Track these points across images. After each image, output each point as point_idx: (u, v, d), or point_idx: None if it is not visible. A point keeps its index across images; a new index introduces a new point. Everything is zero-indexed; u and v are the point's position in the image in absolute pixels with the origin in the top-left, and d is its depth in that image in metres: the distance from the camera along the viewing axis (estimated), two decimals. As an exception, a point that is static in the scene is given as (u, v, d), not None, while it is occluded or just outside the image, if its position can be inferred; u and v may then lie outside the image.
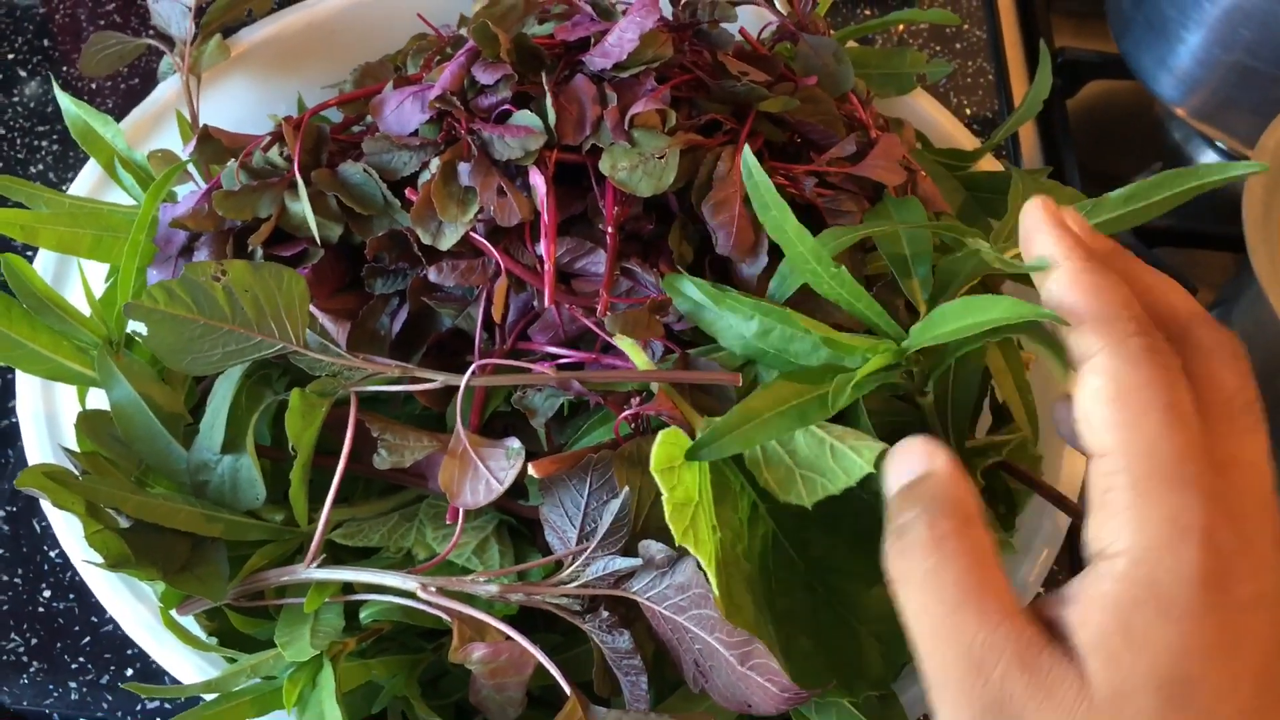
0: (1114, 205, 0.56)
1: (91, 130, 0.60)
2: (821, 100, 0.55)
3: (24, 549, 0.70)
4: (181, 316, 0.48)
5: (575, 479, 0.49)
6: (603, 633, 0.47)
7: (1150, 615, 0.36)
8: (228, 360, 0.50)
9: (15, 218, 0.54)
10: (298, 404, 0.49)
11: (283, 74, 0.69)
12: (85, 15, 0.97)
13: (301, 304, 0.51)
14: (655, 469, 0.45)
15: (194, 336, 0.48)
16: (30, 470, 0.47)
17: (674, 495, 0.45)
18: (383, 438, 0.49)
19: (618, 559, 0.47)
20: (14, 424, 0.75)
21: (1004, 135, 0.66)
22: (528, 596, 0.47)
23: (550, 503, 0.49)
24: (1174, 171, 0.55)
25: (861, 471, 0.45)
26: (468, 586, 0.47)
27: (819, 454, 0.46)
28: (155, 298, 0.47)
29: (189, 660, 0.48)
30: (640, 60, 0.51)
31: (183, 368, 0.50)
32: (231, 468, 0.52)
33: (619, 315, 0.49)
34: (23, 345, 0.52)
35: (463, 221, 0.51)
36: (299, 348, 0.50)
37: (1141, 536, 0.37)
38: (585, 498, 0.49)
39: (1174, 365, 0.39)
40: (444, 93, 0.52)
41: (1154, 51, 0.96)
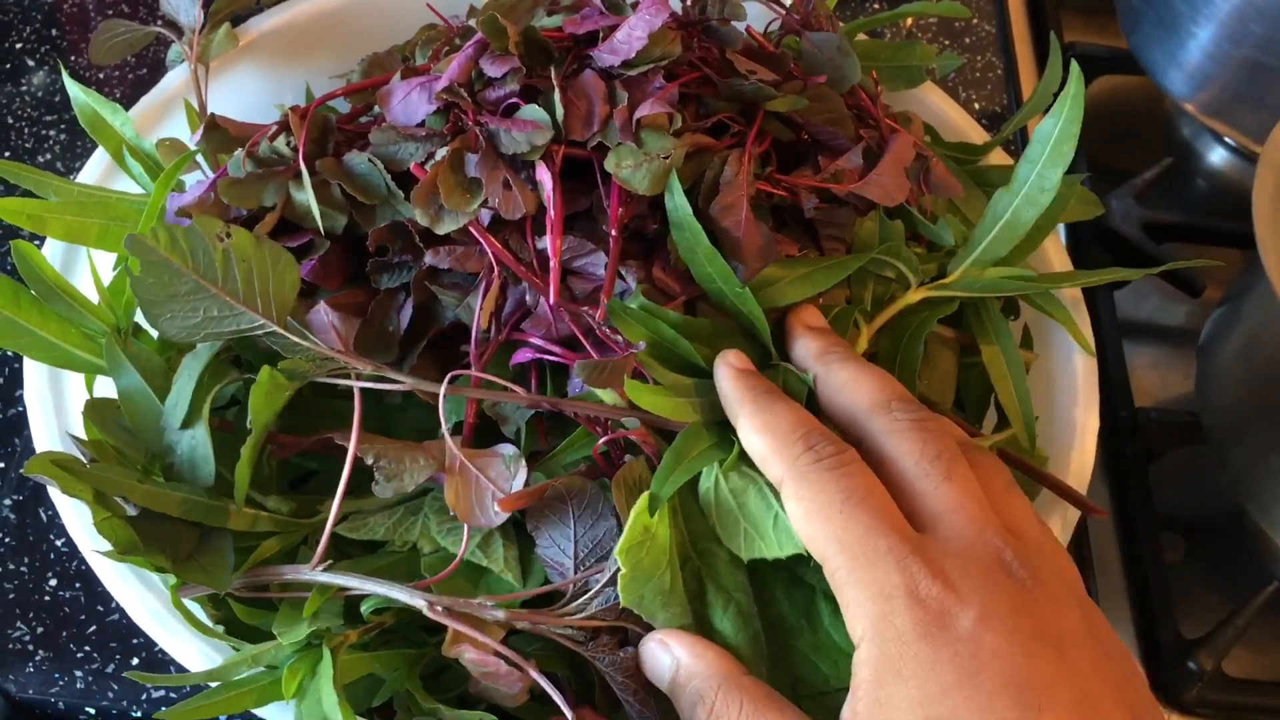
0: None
1: (100, 119, 0.60)
2: (830, 98, 0.55)
3: (30, 537, 0.70)
4: (175, 266, 0.48)
5: (558, 512, 0.50)
6: (604, 655, 0.48)
7: (892, 684, 0.40)
8: (205, 328, 0.49)
9: (23, 206, 0.54)
10: (265, 380, 0.49)
11: (291, 63, 0.69)
12: (93, 4, 0.97)
13: (291, 290, 0.51)
14: (620, 551, 0.46)
15: (180, 292, 0.48)
16: (38, 457, 0.47)
17: (637, 569, 0.47)
18: (379, 464, 0.49)
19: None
20: (20, 413, 0.75)
21: (1014, 128, 0.66)
22: (533, 626, 0.48)
23: (544, 542, 0.50)
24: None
25: (794, 549, 0.46)
26: (475, 609, 0.47)
27: (764, 518, 0.48)
28: (158, 237, 0.47)
29: (196, 648, 0.49)
30: (649, 58, 0.51)
31: (159, 327, 0.49)
32: (189, 445, 0.51)
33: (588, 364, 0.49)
34: (31, 332, 0.52)
35: (466, 211, 0.50)
36: (279, 328, 0.50)
37: (863, 619, 0.41)
38: (572, 527, 0.50)
39: (846, 460, 0.44)
40: (451, 84, 0.52)
41: (1164, 46, 0.96)
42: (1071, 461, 0.57)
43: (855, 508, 0.42)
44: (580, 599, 0.49)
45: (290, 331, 0.50)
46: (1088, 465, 0.58)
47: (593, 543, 0.49)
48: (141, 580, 0.50)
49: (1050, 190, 0.52)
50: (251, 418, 0.50)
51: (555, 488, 0.49)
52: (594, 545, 0.49)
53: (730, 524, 0.48)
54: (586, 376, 0.47)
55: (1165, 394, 0.88)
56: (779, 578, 0.50)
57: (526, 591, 0.50)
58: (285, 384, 0.51)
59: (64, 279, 0.52)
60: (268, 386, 0.50)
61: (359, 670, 0.48)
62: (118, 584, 0.49)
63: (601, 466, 0.51)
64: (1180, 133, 1.05)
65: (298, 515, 0.53)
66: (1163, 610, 0.74)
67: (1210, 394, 0.77)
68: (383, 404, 0.56)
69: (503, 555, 0.52)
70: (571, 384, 0.51)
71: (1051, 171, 0.53)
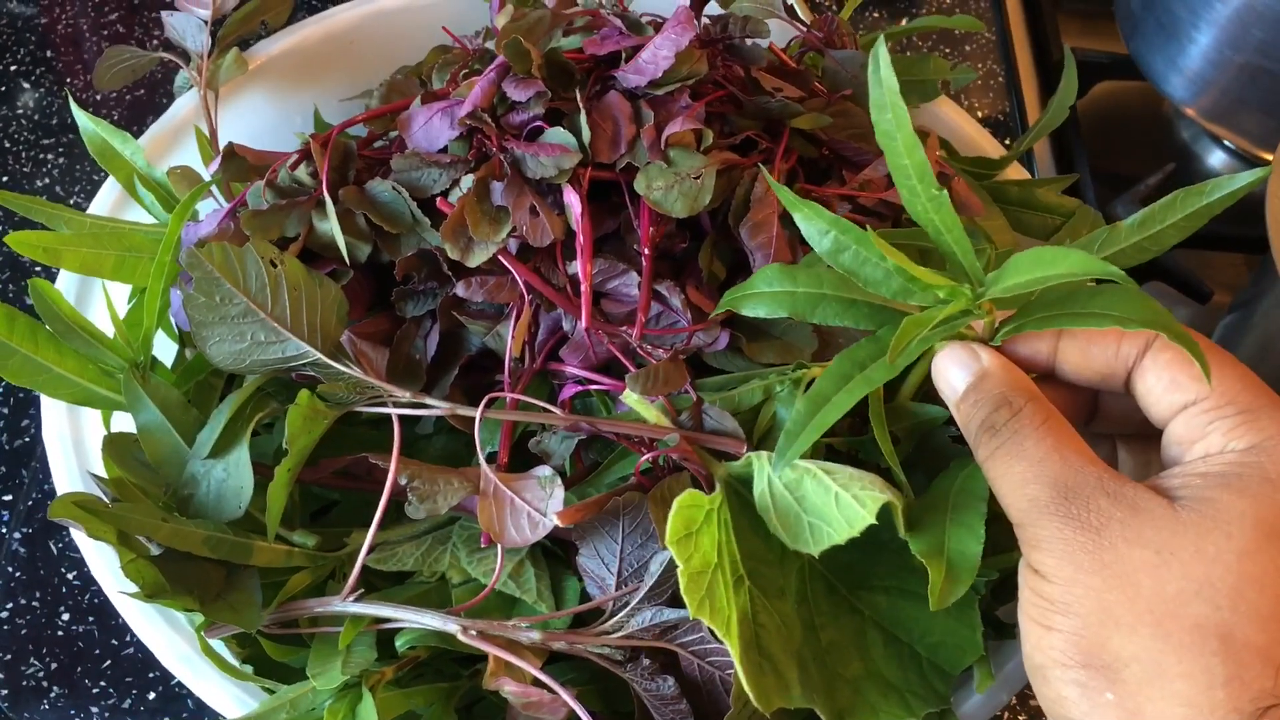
0: (1128, 233, 0.55)
1: (110, 148, 0.60)
2: (853, 114, 0.55)
3: (41, 571, 0.69)
4: (227, 286, 0.47)
5: (608, 525, 0.49)
6: (645, 680, 0.47)
7: (1256, 481, 0.38)
8: (252, 354, 0.49)
9: (38, 240, 0.53)
10: (304, 403, 0.48)
11: (300, 87, 0.68)
12: (88, 26, 0.95)
13: (340, 321, 0.50)
14: (671, 541, 0.44)
15: (230, 315, 0.48)
16: (61, 500, 0.46)
17: (690, 565, 0.44)
18: (412, 485, 0.49)
19: (666, 610, 0.46)
20: (26, 444, 0.74)
21: (1031, 142, 0.65)
22: (570, 646, 0.47)
23: (586, 552, 0.49)
24: (1184, 191, 0.54)
25: (864, 522, 0.44)
26: (509, 632, 0.47)
27: (825, 502, 0.46)
28: (213, 253, 0.47)
29: (227, 691, 0.48)
30: (675, 77, 0.51)
31: (208, 351, 0.49)
32: (220, 476, 0.50)
33: (641, 374, 0.48)
34: (48, 370, 0.51)
35: (494, 241, 0.50)
36: (324, 358, 0.49)
37: (1258, 436, 0.39)
38: (620, 543, 0.49)
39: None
40: (475, 109, 0.51)
41: (1164, 52, 0.96)
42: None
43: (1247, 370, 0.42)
44: (618, 615, 0.48)
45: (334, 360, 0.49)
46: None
47: (639, 562, 0.48)
48: (168, 621, 0.49)
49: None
50: (288, 441, 0.49)
51: (615, 502, 0.48)
52: (639, 565, 0.48)
53: (793, 522, 0.46)
54: (641, 387, 0.46)
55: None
56: (830, 605, 0.49)
57: (562, 612, 0.50)
58: (324, 410, 0.50)
59: (81, 315, 0.51)
60: (306, 411, 0.49)
61: (397, 708, 0.47)
62: (145, 627, 0.48)
63: (645, 485, 0.50)
64: (1179, 137, 1.05)
65: (323, 548, 0.52)
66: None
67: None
68: (409, 433, 0.55)
69: (535, 585, 0.51)
70: (619, 407, 0.51)
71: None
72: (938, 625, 0.49)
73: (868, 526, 0.44)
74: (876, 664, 0.47)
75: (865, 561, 0.50)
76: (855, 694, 0.46)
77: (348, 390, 0.51)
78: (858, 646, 0.48)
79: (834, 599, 0.49)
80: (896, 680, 0.47)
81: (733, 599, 0.46)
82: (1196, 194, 0.51)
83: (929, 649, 0.49)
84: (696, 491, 0.46)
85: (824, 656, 0.47)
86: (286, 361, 0.50)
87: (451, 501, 0.49)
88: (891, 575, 0.50)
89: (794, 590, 0.49)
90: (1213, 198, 0.51)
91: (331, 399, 0.51)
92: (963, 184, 0.58)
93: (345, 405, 0.51)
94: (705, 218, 0.53)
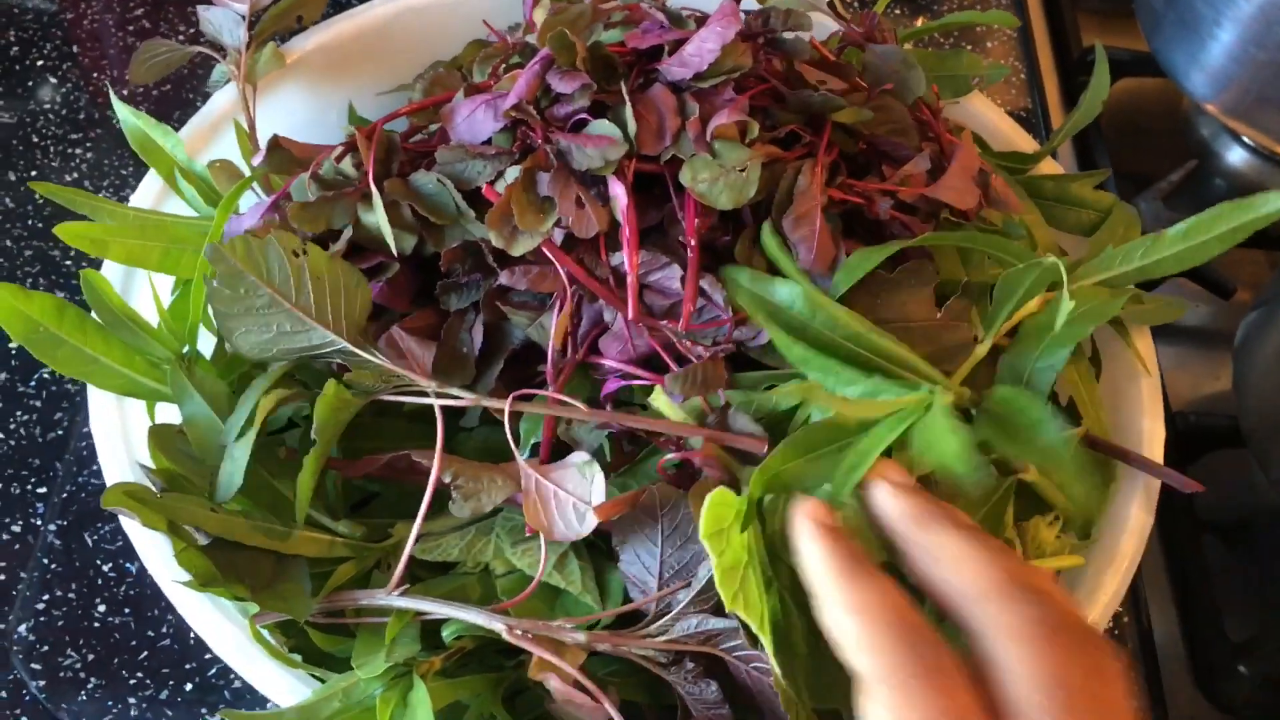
0: (1172, 242, 0.56)
1: (151, 141, 0.60)
2: (894, 109, 0.55)
3: (76, 563, 0.69)
4: (251, 278, 0.48)
5: (646, 528, 0.49)
6: (688, 684, 0.47)
7: None
8: (277, 343, 0.50)
9: (86, 231, 0.53)
10: (330, 393, 0.49)
11: (334, 81, 0.69)
12: (113, 21, 0.96)
13: (363, 309, 0.51)
14: (704, 535, 0.44)
15: (255, 306, 0.48)
16: (113, 490, 0.47)
17: (723, 560, 0.44)
18: (456, 483, 0.49)
19: (711, 619, 0.47)
20: (60, 436, 0.74)
21: (1064, 138, 0.66)
22: (614, 648, 0.47)
23: (626, 556, 0.49)
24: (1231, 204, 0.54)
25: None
26: (554, 633, 0.47)
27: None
28: (235, 248, 0.47)
29: (281, 678, 0.48)
30: (720, 70, 0.51)
31: (233, 341, 0.49)
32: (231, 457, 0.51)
33: (680, 375, 0.49)
34: (97, 360, 0.52)
35: (540, 231, 0.50)
36: (350, 345, 0.50)
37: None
38: (660, 545, 0.49)
39: (947, 671, 0.38)
40: (520, 101, 0.52)
41: (1186, 48, 0.96)
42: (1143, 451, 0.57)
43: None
44: (663, 619, 0.48)
45: (359, 348, 0.50)
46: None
47: (679, 564, 0.48)
48: (220, 610, 0.49)
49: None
50: (316, 430, 0.49)
51: (650, 492, 0.48)
52: (680, 567, 0.48)
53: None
54: (681, 388, 0.47)
55: (1196, 395, 0.88)
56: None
57: (605, 612, 0.50)
58: (351, 399, 0.51)
59: (129, 307, 0.52)
60: (333, 400, 0.49)
61: (447, 697, 0.47)
62: (197, 615, 0.49)
63: (676, 482, 0.50)
64: (1198, 133, 1.05)
65: (368, 539, 0.53)
66: (1209, 614, 0.74)
67: (1249, 397, 0.77)
68: (451, 425, 0.56)
69: (579, 577, 0.51)
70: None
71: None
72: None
73: None
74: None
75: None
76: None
77: (375, 379, 0.51)
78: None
79: None
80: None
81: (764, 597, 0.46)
82: (1245, 208, 0.52)
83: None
84: (727, 490, 0.46)
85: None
86: (312, 350, 0.51)
87: (496, 500, 0.50)
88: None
89: None
90: (1259, 212, 0.51)
91: (358, 387, 0.51)
92: (1000, 180, 0.58)
93: (372, 393, 0.51)
94: (746, 210, 0.53)
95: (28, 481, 0.73)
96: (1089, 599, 0.52)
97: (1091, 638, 0.39)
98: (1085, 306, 0.51)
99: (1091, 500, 0.51)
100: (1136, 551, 0.53)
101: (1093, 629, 0.40)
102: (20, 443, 0.74)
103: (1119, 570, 0.52)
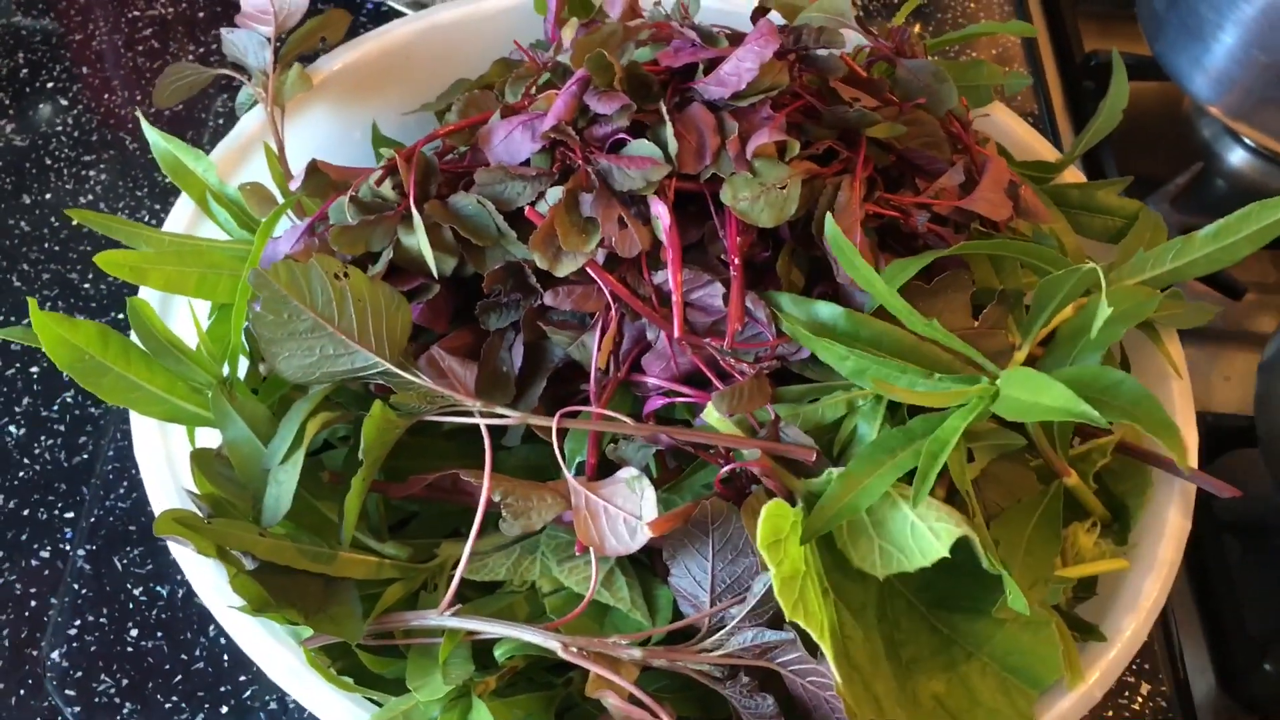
0: (1203, 244, 0.56)
1: (182, 165, 0.60)
2: (926, 123, 0.56)
3: (107, 588, 0.69)
4: (294, 303, 0.48)
5: (697, 543, 0.49)
6: (744, 698, 0.47)
7: None
8: (321, 366, 0.50)
9: (124, 259, 0.53)
10: (377, 413, 0.49)
11: (359, 102, 0.69)
12: (122, 42, 0.96)
13: (404, 332, 0.51)
14: (762, 545, 0.45)
15: (299, 330, 0.49)
16: (164, 517, 0.47)
17: (781, 570, 0.45)
18: (506, 502, 0.49)
19: (768, 632, 0.47)
20: (86, 460, 0.74)
21: (1086, 145, 0.66)
22: (670, 663, 0.47)
23: (678, 572, 0.50)
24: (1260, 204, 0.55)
25: (937, 554, 0.46)
26: (610, 649, 0.47)
27: (900, 529, 0.47)
28: (279, 273, 0.47)
29: (338, 702, 0.48)
30: (758, 89, 0.51)
31: (277, 366, 0.50)
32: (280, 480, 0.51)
33: (726, 394, 0.49)
34: (141, 387, 0.52)
35: (584, 252, 0.50)
36: (393, 367, 0.50)
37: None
38: (710, 560, 0.49)
39: None
40: (559, 122, 0.52)
41: (1189, 52, 0.97)
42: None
43: None
44: (717, 634, 0.48)
45: (402, 370, 0.50)
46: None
47: (731, 578, 0.49)
48: (273, 635, 0.49)
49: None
50: (364, 451, 0.50)
51: (703, 507, 0.48)
52: (732, 581, 0.49)
53: (863, 542, 0.48)
54: (727, 407, 0.47)
55: (1208, 396, 0.89)
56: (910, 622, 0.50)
57: (658, 629, 0.50)
58: (396, 420, 0.51)
59: (173, 333, 0.52)
60: (380, 421, 0.49)
61: (504, 716, 0.48)
62: (251, 641, 0.49)
63: (727, 495, 0.50)
64: (1200, 136, 1.06)
65: (414, 560, 0.53)
66: (1232, 614, 0.74)
67: (1273, 413, 0.77)
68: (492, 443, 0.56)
69: (628, 593, 0.52)
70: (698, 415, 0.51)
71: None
72: (1017, 644, 0.49)
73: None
74: (960, 682, 0.48)
75: (942, 581, 0.50)
76: (940, 711, 0.47)
77: (420, 399, 0.51)
78: (940, 664, 0.48)
79: (913, 616, 0.50)
80: (983, 698, 0.48)
81: (823, 607, 0.46)
82: (1273, 207, 0.52)
83: (1010, 669, 0.49)
84: (781, 501, 0.46)
85: (906, 673, 0.48)
86: (356, 373, 0.51)
87: (546, 518, 0.50)
88: (968, 595, 0.50)
89: (874, 606, 0.50)
90: None
91: (404, 409, 0.51)
92: (1028, 190, 0.59)
93: (418, 414, 0.52)
94: (785, 227, 0.54)
95: (55, 507, 0.73)
96: (1131, 608, 0.52)
97: None
98: (1121, 308, 0.52)
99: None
100: (1176, 557, 0.54)
101: None
102: (46, 468, 0.74)
103: (1160, 577, 0.53)
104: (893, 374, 0.47)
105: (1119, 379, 0.47)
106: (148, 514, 0.71)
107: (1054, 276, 0.52)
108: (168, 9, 0.98)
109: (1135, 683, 0.70)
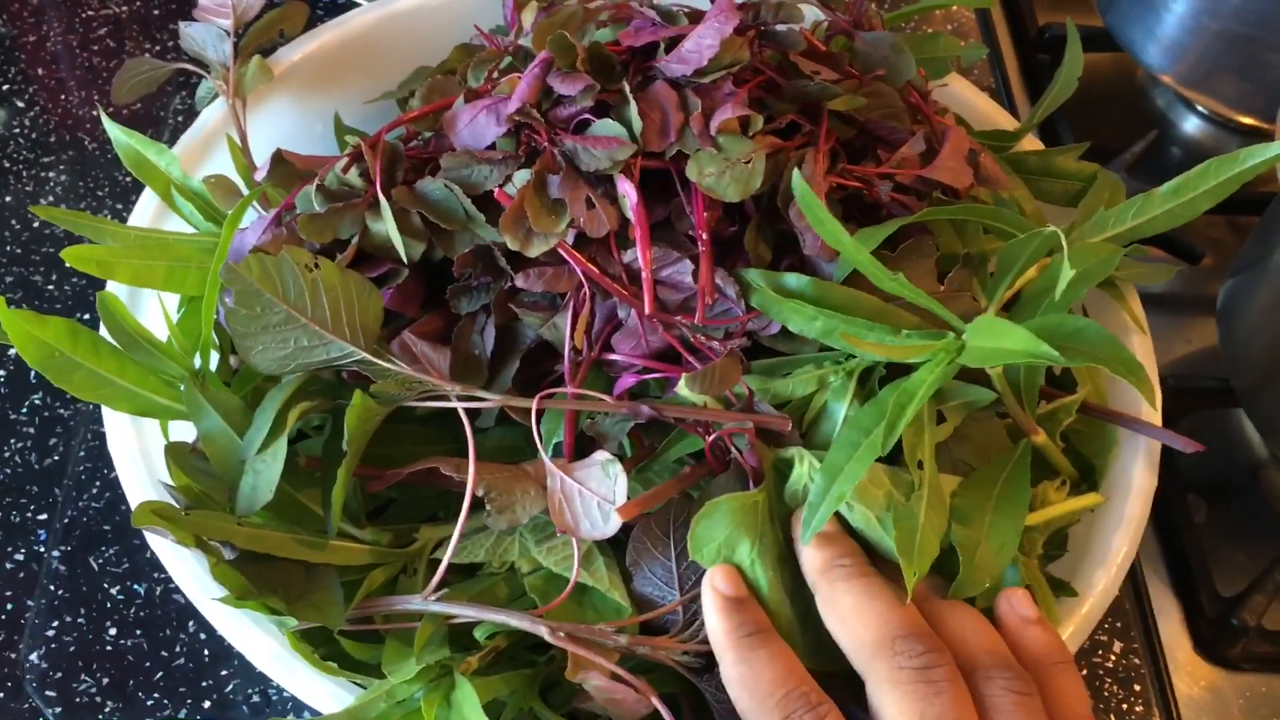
0: (1163, 200, 0.57)
1: (145, 159, 0.60)
2: (886, 94, 0.56)
3: (83, 588, 0.69)
4: (267, 296, 0.48)
5: (659, 545, 0.50)
6: (718, 691, 0.48)
7: None
8: (295, 358, 0.50)
9: (91, 254, 0.53)
10: (359, 403, 0.49)
11: (320, 91, 0.69)
12: (77, 42, 0.95)
13: (376, 318, 0.51)
14: (694, 555, 0.48)
15: (272, 323, 0.49)
16: (141, 508, 0.47)
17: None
18: (490, 495, 0.50)
19: None
20: (58, 461, 0.74)
21: (1043, 114, 0.67)
22: (653, 651, 0.48)
23: (640, 578, 0.51)
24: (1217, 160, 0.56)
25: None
26: (597, 635, 0.47)
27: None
28: (250, 267, 0.47)
29: (323, 687, 0.48)
30: (719, 65, 0.52)
31: (251, 359, 0.50)
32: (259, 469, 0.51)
33: (699, 374, 0.49)
34: (112, 382, 0.51)
35: (554, 233, 0.51)
36: (369, 355, 0.50)
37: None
38: (674, 560, 0.50)
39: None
40: (523, 105, 0.52)
41: (1141, 22, 0.98)
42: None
43: None
44: (694, 624, 0.49)
45: (378, 357, 0.50)
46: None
47: (697, 574, 0.49)
48: (255, 623, 0.49)
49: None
50: (347, 440, 0.50)
51: (662, 517, 0.49)
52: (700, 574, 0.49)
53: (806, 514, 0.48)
54: (699, 387, 0.48)
55: (1168, 358, 0.90)
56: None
57: (640, 616, 0.51)
58: (376, 408, 0.51)
59: (144, 328, 0.52)
60: (361, 410, 0.50)
61: (487, 694, 0.48)
62: (234, 630, 0.49)
63: (712, 463, 0.51)
64: (1154, 105, 1.07)
65: (393, 544, 0.53)
66: (1200, 571, 0.76)
67: (1238, 355, 0.79)
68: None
69: (605, 573, 0.52)
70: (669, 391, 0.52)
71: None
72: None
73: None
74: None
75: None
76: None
77: (398, 386, 0.52)
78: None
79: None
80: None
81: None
82: (1230, 161, 0.54)
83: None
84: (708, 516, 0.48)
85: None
86: (331, 362, 0.51)
87: (532, 511, 0.50)
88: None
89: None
90: (1245, 165, 0.53)
91: (383, 397, 0.52)
92: (988, 158, 0.60)
93: (397, 401, 0.52)
94: (750, 202, 0.54)
95: (27, 509, 0.72)
96: (1101, 562, 0.53)
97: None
98: (1083, 266, 0.53)
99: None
100: (1144, 513, 0.55)
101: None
102: (16, 470, 0.74)
103: (1129, 531, 0.54)
104: (861, 331, 0.48)
105: (1082, 324, 0.48)
106: (122, 513, 0.71)
107: (1018, 240, 0.53)
108: (122, 8, 0.97)
109: (1108, 641, 0.71)
